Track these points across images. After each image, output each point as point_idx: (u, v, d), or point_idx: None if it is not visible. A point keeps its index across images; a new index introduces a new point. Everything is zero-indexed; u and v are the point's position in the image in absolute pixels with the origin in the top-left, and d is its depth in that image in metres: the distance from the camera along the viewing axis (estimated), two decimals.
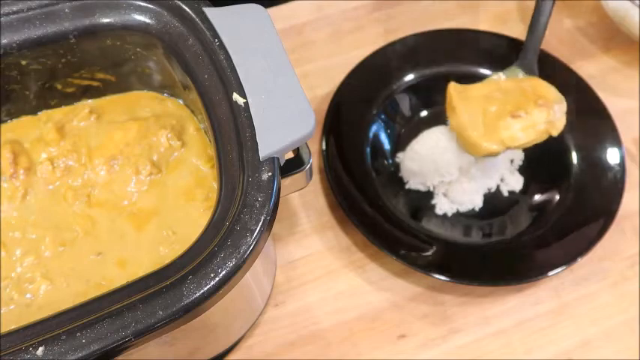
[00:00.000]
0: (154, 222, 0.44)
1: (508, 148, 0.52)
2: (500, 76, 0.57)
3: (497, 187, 0.59)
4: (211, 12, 0.42)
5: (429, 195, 0.58)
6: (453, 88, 0.55)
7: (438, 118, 0.60)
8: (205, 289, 0.34)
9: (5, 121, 0.47)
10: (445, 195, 0.58)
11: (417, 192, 0.59)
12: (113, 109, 0.49)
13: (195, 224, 0.43)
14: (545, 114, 0.52)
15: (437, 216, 0.58)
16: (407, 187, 0.59)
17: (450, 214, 0.58)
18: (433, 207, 0.58)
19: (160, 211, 0.44)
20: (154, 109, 0.49)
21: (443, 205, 0.58)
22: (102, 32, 0.44)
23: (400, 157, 0.60)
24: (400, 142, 0.61)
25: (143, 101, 0.50)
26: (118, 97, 0.49)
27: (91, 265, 0.42)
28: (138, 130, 0.46)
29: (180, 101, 0.49)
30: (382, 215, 0.55)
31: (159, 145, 0.46)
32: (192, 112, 0.49)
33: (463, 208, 0.58)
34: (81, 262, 0.42)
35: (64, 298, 0.41)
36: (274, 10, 0.69)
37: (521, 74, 0.57)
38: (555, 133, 0.53)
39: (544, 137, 0.53)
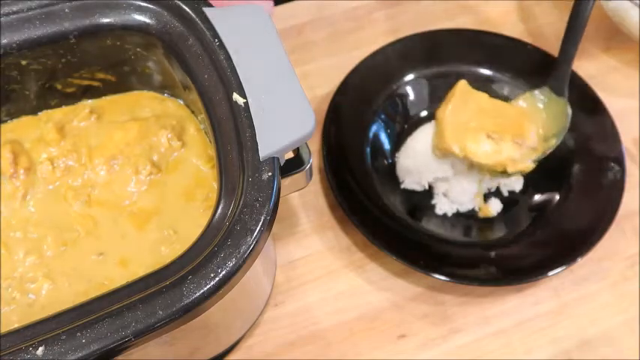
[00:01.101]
0: (155, 222, 0.44)
1: (465, 157, 0.54)
2: (527, 96, 0.57)
3: (497, 187, 0.59)
4: (211, 12, 0.42)
5: (428, 195, 0.58)
6: (462, 84, 0.57)
7: None
8: (205, 289, 0.34)
9: (5, 121, 0.47)
10: (445, 195, 0.58)
11: (417, 192, 0.59)
12: (113, 109, 0.49)
13: (196, 224, 0.43)
14: (515, 151, 0.54)
15: (437, 216, 0.58)
16: (402, 186, 0.59)
17: (450, 214, 0.58)
18: (433, 207, 0.58)
19: (161, 211, 0.44)
20: (155, 110, 0.49)
21: (443, 205, 0.58)
22: (102, 32, 0.44)
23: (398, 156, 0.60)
24: (400, 142, 0.61)
25: (143, 101, 0.49)
26: (118, 97, 0.49)
27: (92, 265, 0.42)
28: (138, 130, 0.46)
29: (181, 101, 0.49)
30: (382, 215, 0.55)
31: (159, 145, 0.46)
32: (193, 112, 0.49)
33: (463, 208, 0.58)
34: (82, 262, 0.42)
35: (66, 297, 0.41)
36: (274, 10, 0.69)
37: (541, 103, 0.56)
38: (510, 170, 0.54)
39: (499, 168, 0.54)
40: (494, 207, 0.58)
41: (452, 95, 0.56)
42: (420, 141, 0.58)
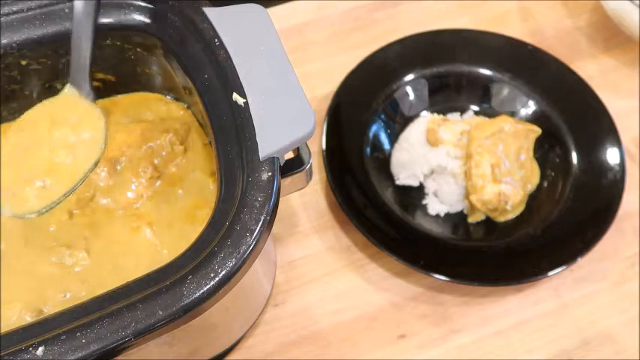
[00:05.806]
0: (156, 222, 0.44)
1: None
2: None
3: None
4: (211, 12, 0.42)
5: (421, 195, 0.58)
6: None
7: None
8: (205, 289, 0.34)
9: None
10: (435, 195, 0.58)
11: (417, 192, 0.59)
12: (116, 110, 0.49)
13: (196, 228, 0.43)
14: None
15: (437, 216, 0.58)
16: (397, 182, 0.59)
17: (442, 214, 0.57)
18: (425, 207, 0.58)
19: (161, 212, 0.45)
20: (159, 112, 0.49)
21: (434, 206, 0.58)
22: (102, 32, 0.44)
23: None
24: None
25: (147, 103, 0.49)
26: (121, 98, 0.49)
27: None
28: (141, 132, 0.46)
29: (184, 105, 0.49)
30: (382, 215, 0.55)
31: (161, 148, 0.46)
32: (195, 115, 0.49)
33: (453, 210, 0.58)
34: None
35: None
36: (274, 10, 0.69)
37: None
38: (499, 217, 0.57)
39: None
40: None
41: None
42: (412, 133, 0.58)
